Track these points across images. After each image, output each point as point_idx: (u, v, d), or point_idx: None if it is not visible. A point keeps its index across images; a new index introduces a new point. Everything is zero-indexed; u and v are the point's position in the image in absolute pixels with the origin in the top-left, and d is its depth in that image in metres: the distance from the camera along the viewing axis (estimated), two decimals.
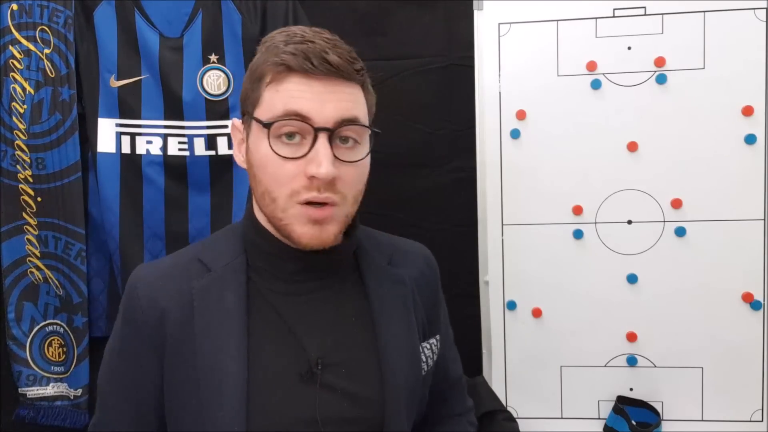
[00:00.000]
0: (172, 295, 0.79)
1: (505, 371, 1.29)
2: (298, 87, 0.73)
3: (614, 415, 1.24)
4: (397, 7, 1.36)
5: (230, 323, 0.77)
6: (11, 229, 1.36)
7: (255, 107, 0.76)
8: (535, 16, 1.26)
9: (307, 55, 0.73)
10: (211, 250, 0.83)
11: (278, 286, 0.81)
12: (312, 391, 0.78)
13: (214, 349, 0.77)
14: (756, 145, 1.21)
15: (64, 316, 1.39)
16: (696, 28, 1.22)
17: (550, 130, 1.27)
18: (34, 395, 1.38)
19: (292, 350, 0.78)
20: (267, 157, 0.74)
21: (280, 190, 0.74)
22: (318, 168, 0.72)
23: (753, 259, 1.22)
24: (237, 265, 0.81)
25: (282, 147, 0.74)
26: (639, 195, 1.25)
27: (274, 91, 0.74)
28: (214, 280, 0.80)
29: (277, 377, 0.77)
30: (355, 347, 0.82)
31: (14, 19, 1.32)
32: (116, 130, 1.37)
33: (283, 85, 0.74)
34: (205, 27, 1.36)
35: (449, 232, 1.37)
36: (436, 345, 0.91)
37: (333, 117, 0.73)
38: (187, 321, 0.78)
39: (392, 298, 0.85)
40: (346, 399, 0.79)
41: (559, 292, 1.27)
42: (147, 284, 0.80)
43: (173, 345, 0.78)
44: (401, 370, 0.82)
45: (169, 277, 0.81)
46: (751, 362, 1.22)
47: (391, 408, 0.80)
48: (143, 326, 0.78)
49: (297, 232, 0.75)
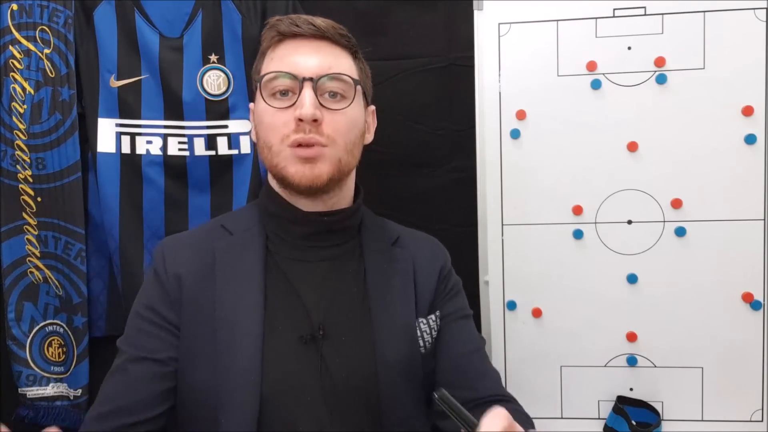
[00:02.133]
0: (197, 253, 0.88)
1: (505, 371, 1.29)
2: (288, 50, 0.86)
3: (614, 415, 1.24)
4: (397, 7, 1.36)
5: (249, 280, 0.85)
6: (11, 229, 1.36)
7: (257, 76, 0.88)
8: (535, 16, 1.26)
9: (294, 21, 0.85)
10: (233, 218, 0.94)
11: (288, 252, 0.89)
12: (315, 355, 0.83)
13: (232, 302, 0.84)
14: (756, 145, 1.21)
15: (64, 316, 1.39)
16: (696, 28, 1.22)
17: (550, 130, 1.27)
18: (34, 395, 1.38)
19: (299, 312, 0.85)
20: (264, 111, 0.86)
21: (275, 137, 0.84)
22: (301, 110, 0.82)
23: (753, 259, 1.22)
24: (256, 231, 0.90)
25: (275, 101, 0.85)
26: (639, 195, 1.25)
27: (269, 59, 0.87)
28: (235, 241, 0.89)
29: (285, 334, 0.83)
30: (353, 319, 0.86)
31: (14, 19, 1.32)
32: (116, 130, 1.37)
33: (276, 51, 0.87)
34: (205, 27, 1.36)
35: (449, 232, 1.37)
36: (434, 321, 0.93)
37: (316, 69, 0.84)
38: (209, 277, 0.86)
39: (390, 274, 0.91)
40: (343, 370, 0.83)
41: (559, 292, 1.27)
42: (171, 247, 0.91)
43: (190, 298, 0.85)
44: (394, 346, 0.86)
45: (193, 239, 0.92)
46: (751, 362, 1.23)
47: (385, 382, 0.84)
48: (165, 281, 0.87)
49: (290, 171, 0.84)
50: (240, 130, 1.38)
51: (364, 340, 0.85)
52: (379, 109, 1.42)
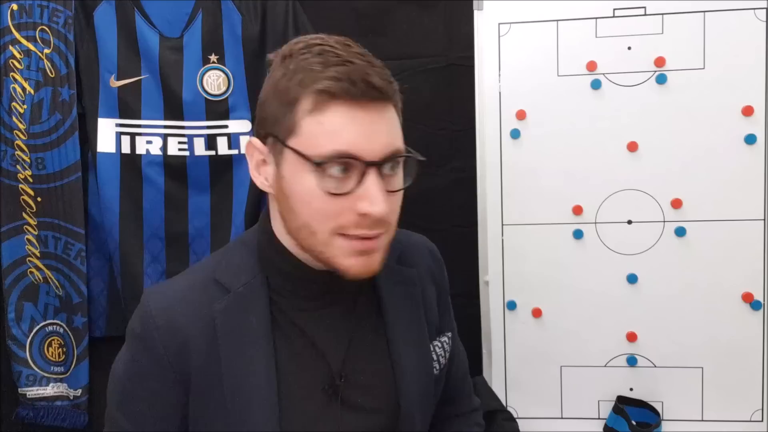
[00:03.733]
0: (194, 321, 0.76)
1: (505, 371, 1.29)
2: (343, 119, 0.68)
3: (614, 415, 1.24)
4: (397, 7, 1.36)
5: (256, 345, 0.76)
6: (11, 229, 1.36)
7: (289, 135, 0.70)
8: (535, 16, 1.26)
9: (351, 79, 0.67)
10: (226, 269, 0.79)
11: (299, 303, 0.79)
12: (335, 405, 0.78)
13: (242, 372, 0.75)
14: (756, 145, 1.21)
15: (64, 316, 1.39)
16: (696, 28, 1.22)
17: (550, 130, 1.27)
18: (34, 395, 1.38)
19: (317, 363, 0.79)
20: (312, 193, 0.69)
21: (324, 226, 0.70)
22: (371, 206, 0.68)
23: (753, 259, 1.22)
24: (256, 285, 0.78)
25: (328, 182, 0.68)
26: (639, 195, 1.25)
27: (316, 123, 0.68)
28: (235, 301, 0.77)
29: (303, 395, 0.77)
30: (373, 356, 0.82)
31: (14, 19, 1.32)
32: (116, 130, 1.37)
33: (326, 116, 0.68)
34: (205, 27, 1.36)
35: (449, 232, 1.37)
36: (447, 343, 0.90)
37: (381, 151, 0.69)
38: (211, 345, 0.75)
39: (404, 302, 0.85)
40: (362, 411, 0.80)
41: (559, 292, 1.27)
42: (164, 311, 0.76)
43: (199, 370, 0.75)
44: (414, 378, 0.83)
45: (186, 301, 0.77)
46: (751, 362, 1.22)
47: (405, 413, 0.81)
48: (164, 355, 0.75)
49: (344, 264, 0.71)
50: (240, 130, 1.38)
51: (384, 376, 0.82)
52: None
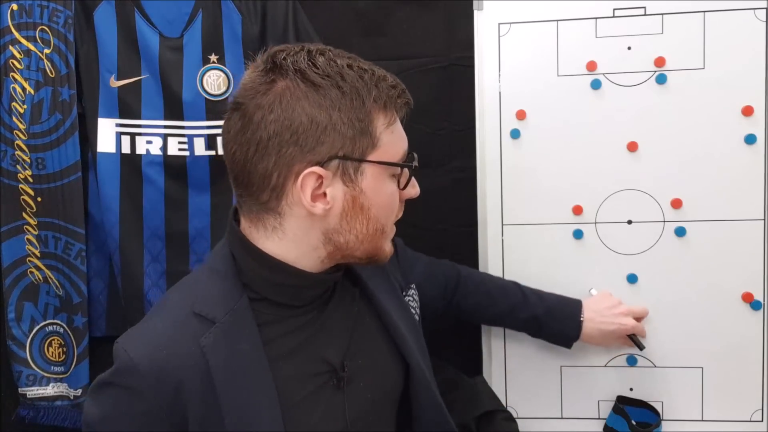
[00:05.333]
0: (183, 361, 0.73)
1: (505, 371, 1.29)
2: (398, 126, 0.81)
3: (614, 415, 1.24)
4: (397, 7, 1.36)
5: (254, 373, 0.75)
6: (11, 229, 1.36)
7: (370, 151, 0.76)
8: (535, 16, 1.26)
9: (399, 88, 0.79)
10: (204, 300, 0.77)
11: (288, 312, 0.80)
12: (340, 395, 0.81)
13: (242, 404, 0.74)
14: (756, 145, 1.21)
15: (64, 316, 1.39)
16: (696, 28, 1.22)
17: (550, 130, 1.27)
18: (34, 395, 1.38)
19: (320, 366, 0.81)
20: (394, 195, 0.81)
21: (391, 221, 0.82)
22: (416, 188, 0.84)
23: (753, 259, 1.22)
24: (241, 309, 0.77)
25: (399, 181, 0.81)
26: (639, 195, 1.25)
27: (389, 133, 0.78)
28: (223, 331, 0.75)
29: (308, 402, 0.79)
30: (374, 334, 0.88)
31: (14, 19, 1.32)
32: (116, 130, 1.37)
33: (392, 126, 0.79)
34: (205, 27, 1.36)
35: (449, 232, 1.37)
36: (415, 293, 0.99)
37: None
38: (206, 383, 0.73)
39: (375, 272, 0.92)
40: (368, 389, 0.84)
41: (559, 292, 1.26)
42: (148, 357, 0.73)
43: (197, 413, 0.73)
44: (410, 336, 0.90)
45: (170, 341, 0.74)
46: (751, 362, 1.22)
47: (415, 366, 0.89)
48: (157, 403, 0.72)
49: (386, 250, 0.83)
50: None
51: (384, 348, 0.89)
52: None
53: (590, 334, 1.16)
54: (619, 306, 1.18)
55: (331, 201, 0.75)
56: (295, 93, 0.72)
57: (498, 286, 1.20)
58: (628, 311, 1.18)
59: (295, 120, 0.71)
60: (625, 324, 1.16)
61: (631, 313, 1.18)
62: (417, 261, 1.13)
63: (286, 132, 0.72)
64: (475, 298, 1.17)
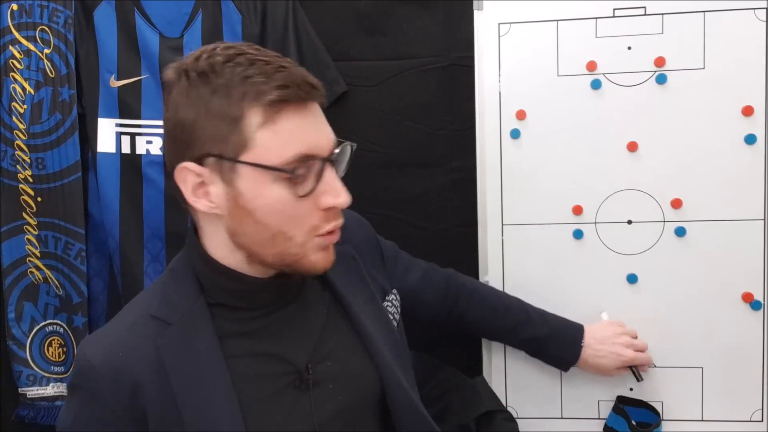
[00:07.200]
0: (139, 362, 0.74)
1: (505, 371, 1.29)
2: (295, 123, 0.71)
3: (614, 415, 1.24)
4: (397, 7, 1.36)
5: (209, 371, 0.75)
6: (11, 229, 1.36)
7: (241, 150, 0.70)
8: (535, 16, 1.26)
9: (296, 83, 0.70)
10: (160, 303, 0.79)
11: (247, 315, 0.79)
12: (306, 397, 0.79)
13: (200, 403, 0.74)
14: (756, 145, 1.21)
15: (64, 316, 1.39)
16: (696, 28, 1.22)
17: (550, 130, 1.27)
18: (34, 395, 1.38)
19: (280, 367, 0.79)
20: (282, 201, 0.71)
21: (299, 229, 0.73)
22: (337, 198, 0.73)
23: (753, 259, 1.22)
24: (197, 310, 0.77)
25: (296, 186, 0.71)
26: (639, 195, 1.25)
27: (270, 133, 0.70)
28: (179, 332, 0.76)
29: (270, 402, 0.77)
30: (342, 337, 0.84)
31: (14, 19, 1.32)
32: (116, 130, 1.37)
33: (280, 124, 0.70)
34: (205, 27, 1.36)
35: (449, 233, 1.37)
36: (396, 299, 0.95)
37: (329, 145, 0.74)
38: (163, 383, 0.74)
39: (349, 278, 0.88)
40: (338, 393, 0.81)
41: (559, 292, 1.27)
42: (104, 358, 0.74)
43: (155, 413, 0.74)
44: (381, 339, 0.86)
45: (126, 344, 0.76)
46: (751, 362, 1.22)
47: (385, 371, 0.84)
48: (116, 405, 0.73)
49: (311, 260, 0.75)
50: None
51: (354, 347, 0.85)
52: (379, 109, 1.42)
53: (587, 361, 1.16)
54: (621, 336, 1.17)
55: (216, 200, 0.74)
56: (179, 92, 0.74)
57: (503, 302, 1.18)
58: (630, 343, 1.17)
59: (174, 118, 0.74)
60: (623, 355, 1.16)
61: (633, 346, 1.17)
62: (413, 266, 1.11)
63: (172, 130, 0.75)
64: (479, 313, 1.16)
